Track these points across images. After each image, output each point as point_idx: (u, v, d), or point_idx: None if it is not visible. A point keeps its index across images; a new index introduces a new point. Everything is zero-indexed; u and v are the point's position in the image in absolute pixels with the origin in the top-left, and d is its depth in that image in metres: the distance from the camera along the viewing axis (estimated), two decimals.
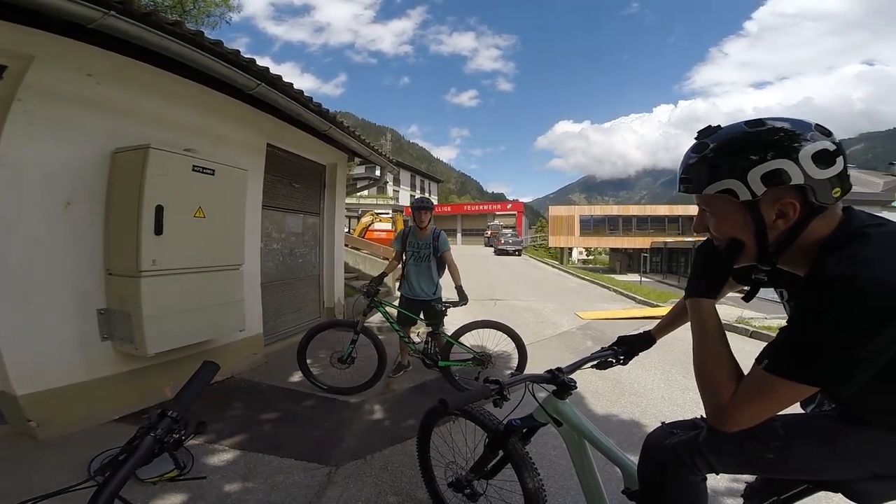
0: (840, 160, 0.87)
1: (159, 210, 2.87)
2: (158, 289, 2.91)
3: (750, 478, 1.33)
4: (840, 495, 1.03)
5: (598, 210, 37.62)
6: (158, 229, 2.86)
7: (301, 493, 2.22)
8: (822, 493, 1.11)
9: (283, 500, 2.16)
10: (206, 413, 3.00)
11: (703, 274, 1.06)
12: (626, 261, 35.51)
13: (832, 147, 0.86)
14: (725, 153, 0.93)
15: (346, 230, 9.61)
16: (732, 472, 1.10)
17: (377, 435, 2.95)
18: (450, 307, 3.82)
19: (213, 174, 3.25)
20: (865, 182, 26.08)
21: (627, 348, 1.57)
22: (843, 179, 0.88)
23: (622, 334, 1.63)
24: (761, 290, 1.06)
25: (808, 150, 0.86)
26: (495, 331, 3.67)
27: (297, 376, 4.05)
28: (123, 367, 3.03)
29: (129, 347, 2.90)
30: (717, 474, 1.10)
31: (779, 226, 0.91)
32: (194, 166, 3.13)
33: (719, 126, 0.98)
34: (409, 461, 2.56)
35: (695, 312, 1.04)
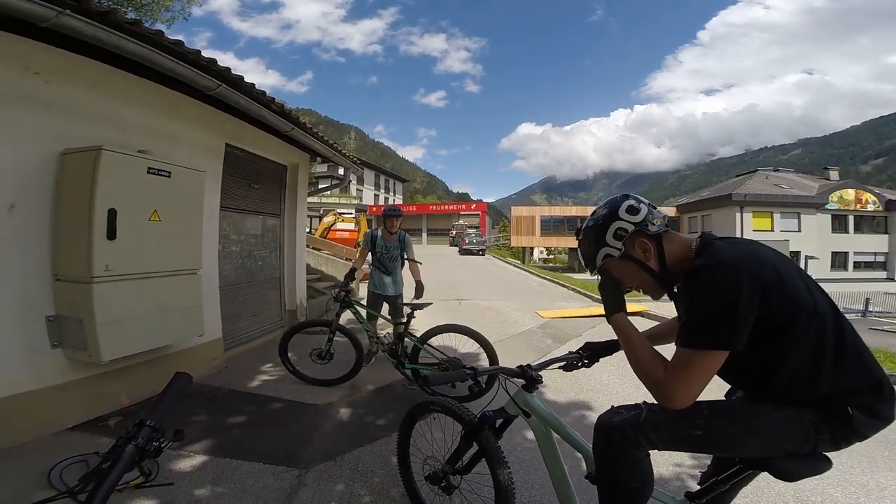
0: (643, 206, 1.34)
1: (112, 214, 2.77)
2: (112, 294, 2.81)
3: (688, 471, 1.51)
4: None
5: (558, 211, 38.60)
6: (111, 234, 2.77)
7: (272, 497, 2.22)
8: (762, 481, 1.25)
9: (255, 503, 2.16)
10: (168, 420, 2.93)
11: (608, 300, 1.45)
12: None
13: (633, 201, 1.36)
14: (589, 238, 1.42)
15: (308, 230, 9.45)
16: (669, 447, 1.26)
17: (345, 436, 2.97)
18: (417, 309, 3.83)
19: (168, 176, 3.16)
20: (802, 185, 28.12)
21: (592, 353, 1.75)
22: (654, 215, 1.34)
23: (589, 340, 1.81)
24: None
25: (621, 209, 1.35)
26: (461, 335, 3.62)
27: (259, 381, 4.00)
28: (76, 374, 2.91)
29: (81, 355, 2.79)
30: (659, 450, 1.27)
31: (650, 258, 1.34)
32: (149, 168, 3.03)
33: (581, 225, 1.47)
34: (380, 461, 2.61)
35: (615, 326, 1.40)
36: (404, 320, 3.89)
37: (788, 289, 1.14)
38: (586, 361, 1.75)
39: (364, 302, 4.30)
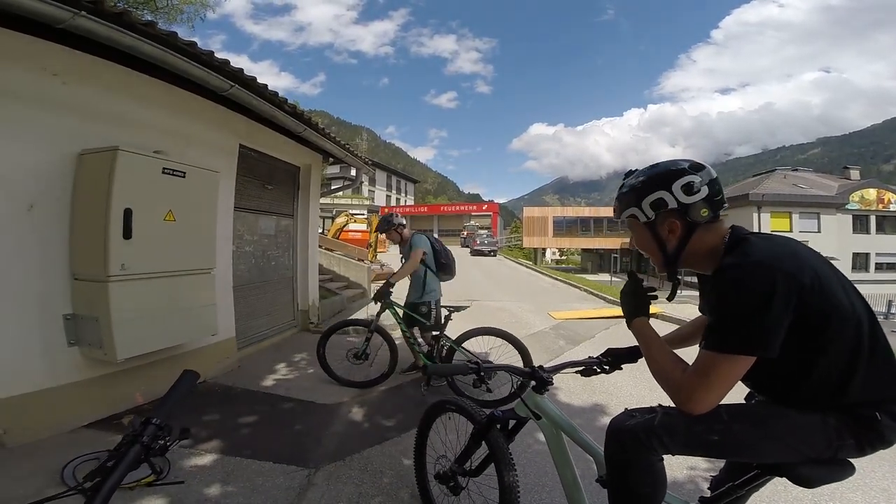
0: (705, 188, 1.19)
1: (128, 213, 2.80)
2: (128, 293, 2.84)
3: (702, 474, 1.46)
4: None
5: (571, 211, 38.33)
6: (127, 233, 2.80)
7: (282, 496, 2.22)
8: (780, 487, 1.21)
9: (264, 502, 2.16)
10: (181, 418, 2.95)
11: (631, 305, 1.40)
12: (598, 261, 36.34)
13: (698, 180, 1.20)
14: (630, 190, 1.30)
15: (320, 231, 9.51)
16: (684, 452, 1.22)
17: (355, 437, 2.97)
18: (455, 312, 3.86)
19: (183, 176, 3.19)
20: (822, 185, 27.46)
21: (614, 359, 1.65)
22: (709, 202, 1.20)
23: (612, 346, 1.69)
24: None
25: (678, 183, 1.20)
26: (497, 337, 3.63)
27: (271, 380, 4.02)
28: (92, 372, 2.95)
29: (97, 353, 2.83)
30: (673, 455, 1.22)
31: (671, 239, 1.26)
32: (164, 168, 3.06)
33: (636, 170, 1.35)
34: (389, 462, 2.60)
35: (636, 331, 1.35)
36: (441, 330, 3.90)
37: (826, 292, 1.07)
38: (606, 367, 1.66)
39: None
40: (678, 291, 1.41)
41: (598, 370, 1.67)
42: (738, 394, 1.33)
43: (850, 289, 1.14)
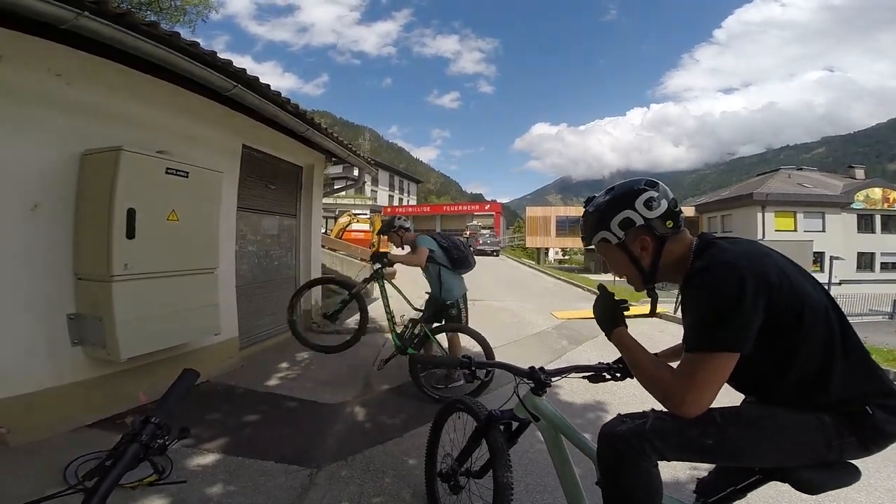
0: (664, 202, 1.25)
1: (131, 213, 2.81)
2: (131, 293, 2.85)
3: (702, 474, 1.43)
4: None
5: (574, 211, 38.19)
6: (130, 233, 2.81)
7: (283, 496, 2.22)
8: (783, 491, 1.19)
9: (266, 502, 2.16)
10: (184, 418, 2.96)
11: (606, 316, 1.42)
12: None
13: (656, 195, 1.25)
14: (595, 214, 1.34)
15: (323, 231, 9.53)
16: (678, 458, 1.20)
17: (358, 436, 2.97)
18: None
19: (186, 176, 3.20)
20: (826, 184, 27.30)
21: (626, 366, 1.59)
22: (671, 215, 1.26)
23: None
24: None
25: (639, 200, 1.25)
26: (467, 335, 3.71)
27: (274, 380, 4.03)
28: (95, 372, 2.96)
29: (101, 353, 2.84)
30: (667, 460, 1.20)
31: (644, 256, 1.30)
32: (167, 168, 3.07)
33: (595, 196, 1.40)
34: (391, 462, 2.60)
35: (617, 342, 1.36)
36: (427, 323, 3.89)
37: (796, 289, 1.11)
38: (618, 375, 1.61)
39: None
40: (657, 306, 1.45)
41: (609, 377, 1.62)
42: (736, 398, 1.32)
43: (818, 285, 1.17)
